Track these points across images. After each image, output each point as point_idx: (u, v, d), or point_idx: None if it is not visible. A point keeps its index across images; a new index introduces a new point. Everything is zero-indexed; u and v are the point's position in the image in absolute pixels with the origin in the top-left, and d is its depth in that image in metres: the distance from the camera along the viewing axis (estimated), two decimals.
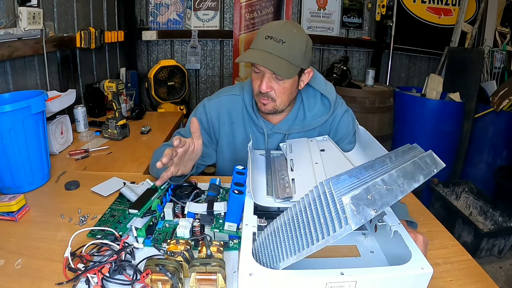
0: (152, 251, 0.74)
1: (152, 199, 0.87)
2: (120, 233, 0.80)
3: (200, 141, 0.90)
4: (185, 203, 0.86)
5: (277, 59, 0.92)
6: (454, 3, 2.88)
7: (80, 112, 1.68)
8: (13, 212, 0.89)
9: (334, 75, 2.46)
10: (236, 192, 0.74)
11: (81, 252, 0.73)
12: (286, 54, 0.92)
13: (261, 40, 0.94)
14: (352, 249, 0.73)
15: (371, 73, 2.56)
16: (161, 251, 0.73)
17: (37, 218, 0.92)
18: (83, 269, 0.66)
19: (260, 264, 0.56)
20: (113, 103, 1.64)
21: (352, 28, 2.93)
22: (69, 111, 1.64)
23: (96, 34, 1.90)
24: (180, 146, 0.83)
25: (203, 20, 2.74)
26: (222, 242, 0.69)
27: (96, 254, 0.73)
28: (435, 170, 0.59)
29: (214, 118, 1.13)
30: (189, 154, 0.88)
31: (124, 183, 1.05)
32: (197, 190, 0.93)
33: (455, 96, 2.51)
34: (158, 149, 1.12)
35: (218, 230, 0.78)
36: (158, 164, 0.77)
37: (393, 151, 0.63)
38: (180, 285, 0.62)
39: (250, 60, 0.95)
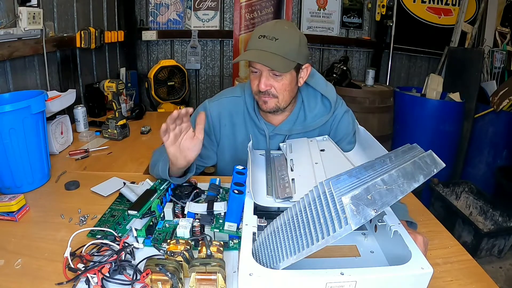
0: (152, 251, 0.74)
1: (151, 199, 0.87)
2: (120, 234, 0.80)
3: (200, 136, 0.91)
4: (185, 203, 0.86)
5: (272, 56, 0.94)
6: (454, 3, 2.88)
7: (80, 112, 1.68)
8: (13, 212, 0.89)
9: (334, 75, 2.46)
10: (236, 192, 0.74)
11: (81, 252, 0.73)
12: (280, 50, 0.94)
13: (254, 40, 0.97)
14: (352, 249, 0.73)
15: (371, 73, 2.56)
16: (161, 251, 0.73)
17: (37, 218, 0.92)
18: (83, 269, 0.66)
19: (260, 264, 0.56)
20: (113, 103, 1.64)
21: (352, 28, 2.92)
22: (69, 111, 1.64)
23: (96, 34, 1.90)
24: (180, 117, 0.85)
25: (203, 20, 2.74)
26: (222, 242, 0.69)
27: (96, 254, 0.73)
28: (435, 170, 0.59)
29: (215, 120, 1.13)
30: (188, 141, 0.89)
31: (124, 183, 1.05)
32: (197, 190, 0.93)
33: (455, 96, 2.51)
34: (158, 149, 1.11)
35: (218, 230, 0.78)
36: (163, 127, 0.83)
37: (393, 151, 0.63)
38: (180, 285, 0.62)
39: (245, 59, 0.98)
